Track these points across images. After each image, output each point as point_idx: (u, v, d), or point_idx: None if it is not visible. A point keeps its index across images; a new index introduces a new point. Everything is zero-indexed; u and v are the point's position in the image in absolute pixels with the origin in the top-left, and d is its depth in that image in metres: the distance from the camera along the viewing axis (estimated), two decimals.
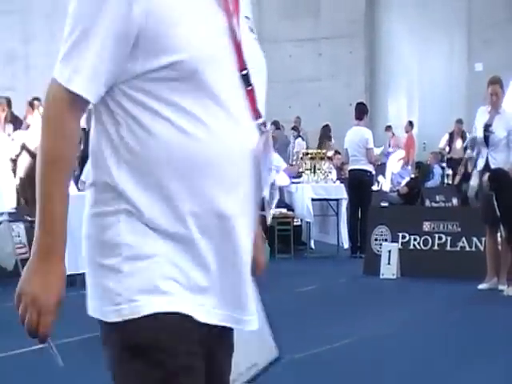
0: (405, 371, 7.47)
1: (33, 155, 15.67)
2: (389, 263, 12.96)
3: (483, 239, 12.62)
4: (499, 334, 9.49)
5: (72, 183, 13.32)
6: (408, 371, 7.47)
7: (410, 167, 24.47)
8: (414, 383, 7.10)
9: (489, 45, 27.34)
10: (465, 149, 18.10)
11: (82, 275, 10.20)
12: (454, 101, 27.02)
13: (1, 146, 15.53)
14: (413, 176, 23.97)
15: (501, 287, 11.76)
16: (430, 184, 23.48)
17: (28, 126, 17.53)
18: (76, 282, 11.66)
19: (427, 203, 20.58)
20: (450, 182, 23.45)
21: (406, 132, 27.49)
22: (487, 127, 12.04)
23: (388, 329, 9.19)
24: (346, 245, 16.39)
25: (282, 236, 17.07)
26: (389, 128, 25.88)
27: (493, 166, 11.85)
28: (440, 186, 24.10)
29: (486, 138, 12.00)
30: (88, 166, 9.55)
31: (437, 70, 27.84)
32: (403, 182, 23.39)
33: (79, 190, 13.90)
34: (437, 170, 24.54)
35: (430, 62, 25.65)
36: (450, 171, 24.74)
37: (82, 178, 13.79)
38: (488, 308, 11.15)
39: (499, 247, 12.16)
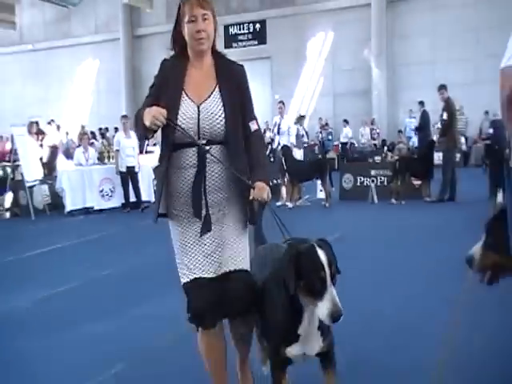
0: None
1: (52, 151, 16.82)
2: None
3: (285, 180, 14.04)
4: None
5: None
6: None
7: None
8: None
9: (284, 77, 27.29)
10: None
11: None
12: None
13: (33, 147, 15.94)
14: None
15: (287, 203, 13.82)
16: None
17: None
18: None
19: None
20: None
21: None
22: (279, 126, 14.61)
23: None
24: None
25: None
26: None
27: (283, 143, 14.22)
28: None
29: (278, 131, 14.56)
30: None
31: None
32: None
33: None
34: None
35: None
36: None
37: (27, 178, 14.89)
38: (283, 217, 13.68)
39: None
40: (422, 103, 20.14)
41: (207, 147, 3.15)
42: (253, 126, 3.31)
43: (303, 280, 2.78)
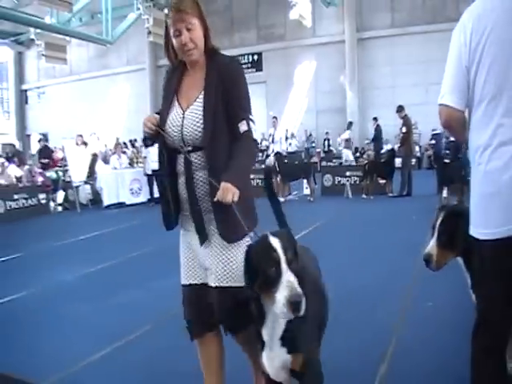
0: None
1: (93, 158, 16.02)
2: None
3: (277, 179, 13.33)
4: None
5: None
6: None
7: None
8: None
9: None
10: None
11: None
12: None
13: (79, 155, 15.39)
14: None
15: (279, 198, 14.96)
16: None
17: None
18: None
19: None
20: None
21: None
22: (273, 136, 14.37)
23: None
24: None
25: None
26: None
27: (276, 150, 13.92)
28: None
29: (273, 140, 14.30)
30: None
31: None
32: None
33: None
34: None
35: None
36: None
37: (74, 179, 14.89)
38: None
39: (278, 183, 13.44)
40: (375, 119, 20.24)
41: (192, 154, 2.54)
42: (242, 127, 2.51)
43: (259, 273, 1.99)
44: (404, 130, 13.33)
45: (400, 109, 13.56)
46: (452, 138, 12.37)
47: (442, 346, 3.75)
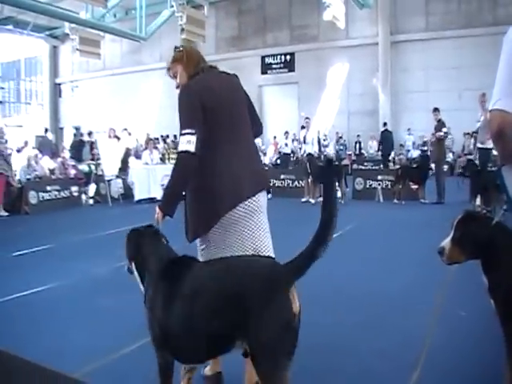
0: None
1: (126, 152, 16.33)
2: None
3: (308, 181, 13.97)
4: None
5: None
6: None
7: None
8: None
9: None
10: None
11: None
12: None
13: (112, 149, 15.77)
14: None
15: (310, 200, 13.85)
16: None
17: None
18: None
19: None
20: None
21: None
22: (305, 137, 14.41)
23: None
24: None
25: None
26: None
27: (307, 152, 14.06)
28: None
29: (304, 140, 14.37)
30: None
31: None
32: None
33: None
34: None
35: None
36: None
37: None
38: (307, 210, 12.58)
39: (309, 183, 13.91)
40: (385, 124, 20.10)
41: None
42: None
43: None
44: (445, 130, 13.25)
45: (436, 110, 13.54)
46: (479, 145, 12.05)
47: (474, 354, 3.75)
